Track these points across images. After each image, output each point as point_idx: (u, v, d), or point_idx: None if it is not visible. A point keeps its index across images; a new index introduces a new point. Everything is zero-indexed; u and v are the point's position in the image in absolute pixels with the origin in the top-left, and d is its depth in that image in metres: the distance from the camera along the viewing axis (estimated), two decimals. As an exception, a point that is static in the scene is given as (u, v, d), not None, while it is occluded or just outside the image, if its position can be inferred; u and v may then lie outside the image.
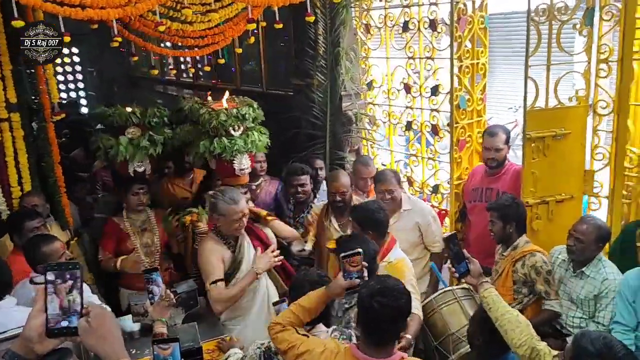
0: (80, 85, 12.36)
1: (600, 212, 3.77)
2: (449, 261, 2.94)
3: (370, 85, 5.38)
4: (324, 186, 4.62)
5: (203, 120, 3.81)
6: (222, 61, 5.56)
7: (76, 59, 12.12)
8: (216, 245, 3.35)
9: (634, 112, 3.54)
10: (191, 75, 8.48)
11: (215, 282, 3.24)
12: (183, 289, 3.30)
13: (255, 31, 5.53)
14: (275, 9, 3.88)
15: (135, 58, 5.71)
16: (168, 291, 2.90)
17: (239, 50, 5.44)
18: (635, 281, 3.07)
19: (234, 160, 3.85)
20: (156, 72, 7.60)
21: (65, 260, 3.26)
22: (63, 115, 4.44)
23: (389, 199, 3.86)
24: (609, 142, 3.70)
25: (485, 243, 3.99)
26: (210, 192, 3.51)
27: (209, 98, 4.15)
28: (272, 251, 3.42)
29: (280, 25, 4.10)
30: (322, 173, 4.87)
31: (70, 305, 1.39)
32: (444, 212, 4.71)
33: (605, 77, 3.63)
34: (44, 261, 3.17)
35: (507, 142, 4.00)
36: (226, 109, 3.83)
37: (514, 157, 6.90)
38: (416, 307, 3.00)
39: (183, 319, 3.27)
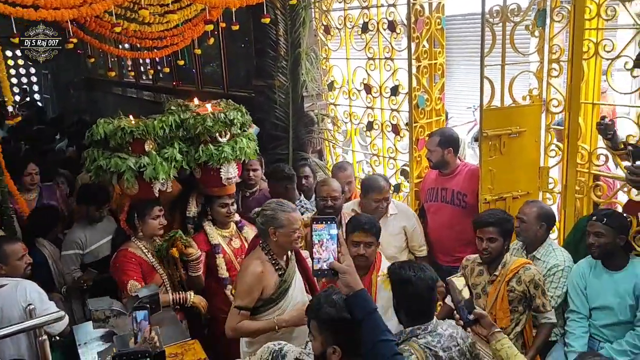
0: (35, 88, 12.04)
1: (555, 207, 3.89)
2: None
3: (331, 86, 5.42)
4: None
5: (188, 125, 3.58)
6: (181, 63, 5.52)
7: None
8: (264, 270, 2.97)
9: (584, 110, 3.67)
10: (150, 77, 8.36)
11: (240, 307, 2.94)
12: (145, 293, 3.26)
13: (215, 32, 5.51)
14: (233, 10, 3.87)
15: (92, 60, 5.58)
16: (153, 333, 2.75)
17: (199, 52, 5.40)
18: (585, 269, 3.24)
19: (220, 168, 3.62)
20: (113, 74, 7.47)
21: (25, 263, 3.31)
22: (19, 119, 4.25)
23: (385, 206, 3.86)
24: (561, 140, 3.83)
25: (443, 241, 4.10)
26: (257, 209, 3.09)
27: (196, 100, 3.93)
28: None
29: (237, 27, 4.09)
30: (310, 181, 4.62)
31: None
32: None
33: (557, 76, 3.75)
34: (3, 260, 3.18)
35: (442, 144, 4.01)
36: (212, 114, 3.57)
37: (475, 155, 7.07)
38: None
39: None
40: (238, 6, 3.73)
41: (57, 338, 3.26)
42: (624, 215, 3.29)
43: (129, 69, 8.53)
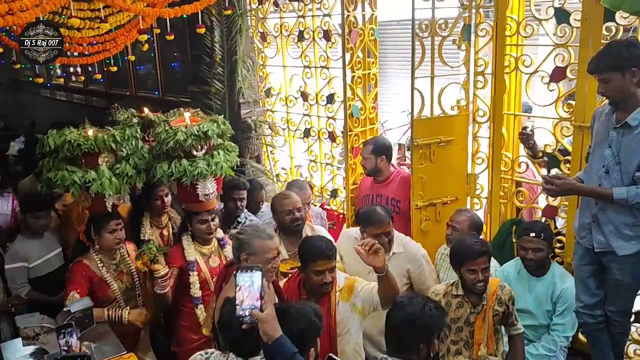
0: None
1: (482, 212, 4.10)
2: None
3: (268, 93, 5.45)
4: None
5: (159, 139, 3.37)
6: (114, 69, 5.37)
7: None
8: None
9: (506, 120, 3.89)
10: (81, 80, 8.09)
11: None
12: (77, 307, 3.18)
13: (150, 37, 5.41)
14: (167, 19, 3.83)
15: (18, 66, 5.32)
16: (84, 347, 2.70)
17: (132, 58, 5.29)
18: (511, 271, 3.44)
19: (197, 185, 3.38)
20: (41, 80, 7.20)
21: None
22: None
23: (386, 241, 3.36)
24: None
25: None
26: (233, 231, 2.93)
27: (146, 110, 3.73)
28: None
29: (172, 37, 4.05)
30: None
31: None
32: (342, 215, 4.89)
33: (482, 88, 3.96)
34: None
35: (375, 152, 4.11)
36: (185, 126, 3.34)
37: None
38: None
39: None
40: (173, 16, 3.70)
41: (-17, 358, 3.13)
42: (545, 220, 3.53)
43: (58, 76, 8.22)
